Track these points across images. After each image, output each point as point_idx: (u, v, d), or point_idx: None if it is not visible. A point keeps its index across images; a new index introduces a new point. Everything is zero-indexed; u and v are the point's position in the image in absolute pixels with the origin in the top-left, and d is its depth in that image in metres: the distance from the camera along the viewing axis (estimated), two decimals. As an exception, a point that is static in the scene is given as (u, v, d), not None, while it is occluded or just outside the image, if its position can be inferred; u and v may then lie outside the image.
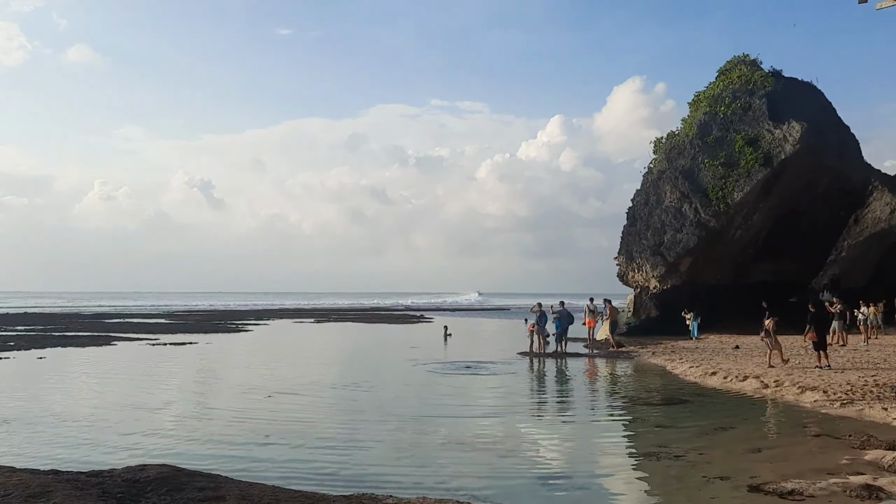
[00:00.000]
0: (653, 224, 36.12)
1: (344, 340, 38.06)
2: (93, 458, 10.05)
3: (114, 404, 15.03)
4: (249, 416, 13.53)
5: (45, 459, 9.70)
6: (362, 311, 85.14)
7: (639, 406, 14.91)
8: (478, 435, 11.85)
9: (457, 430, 12.18)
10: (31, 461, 9.31)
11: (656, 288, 35.95)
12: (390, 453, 10.59)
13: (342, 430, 12.36)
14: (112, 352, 27.81)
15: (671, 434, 11.89)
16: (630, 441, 11.82)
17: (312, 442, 11.32)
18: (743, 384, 17.29)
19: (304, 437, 11.69)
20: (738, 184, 33.30)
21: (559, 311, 27.38)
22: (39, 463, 9.16)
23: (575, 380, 20.43)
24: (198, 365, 23.23)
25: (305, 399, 15.85)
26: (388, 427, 12.52)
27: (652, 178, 38.00)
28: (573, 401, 16.41)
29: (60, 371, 21.26)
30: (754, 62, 37.88)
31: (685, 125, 38.38)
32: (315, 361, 24.77)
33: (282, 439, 11.45)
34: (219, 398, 16.32)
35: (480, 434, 11.95)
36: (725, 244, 34.42)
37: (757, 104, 35.15)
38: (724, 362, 21.24)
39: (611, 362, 24.08)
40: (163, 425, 12.74)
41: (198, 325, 48.23)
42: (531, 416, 14.33)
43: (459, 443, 11.24)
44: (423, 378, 19.60)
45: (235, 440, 11.40)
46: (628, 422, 13.42)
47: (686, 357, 23.10)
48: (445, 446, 11.02)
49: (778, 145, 33.06)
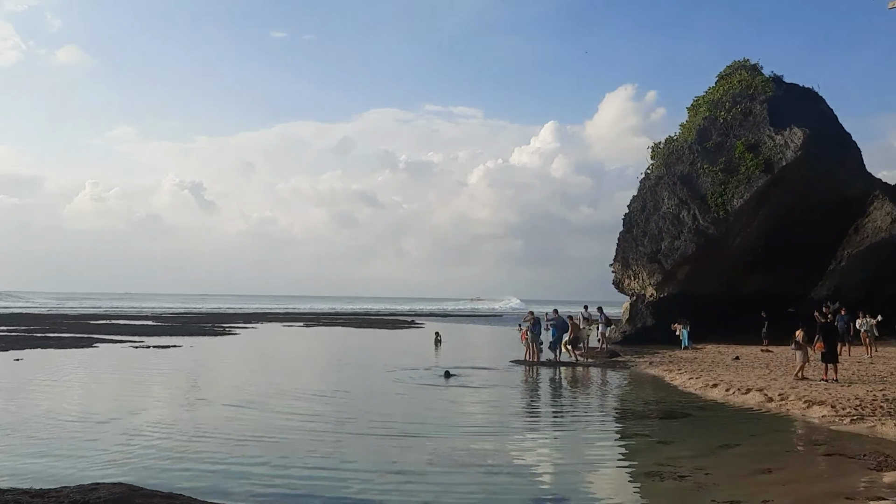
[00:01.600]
0: (650, 231, 35.43)
1: (331, 345, 37.24)
2: (41, 473, 9.21)
3: (77, 412, 14.23)
4: (219, 429, 12.60)
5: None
6: (352, 315, 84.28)
7: (638, 420, 14.16)
8: (468, 451, 11.07)
9: (445, 446, 11.38)
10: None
11: (653, 296, 35.24)
12: (373, 471, 9.81)
13: (320, 444, 11.51)
14: (91, 354, 26.95)
15: (673, 451, 11.13)
16: (630, 458, 11.03)
17: (287, 458, 10.51)
18: (746, 397, 16.56)
19: (278, 452, 10.89)
20: (738, 190, 32.65)
21: (553, 318, 26.64)
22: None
23: (570, 390, 19.69)
24: (175, 370, 22.34)
25: (282, 410, 14.93)
26: (371, 442, 11.71)
27: (649, 183, 37.32)
28: (569, 413, 15.62)
29: (32, 374, 20.36)
30: (755, 67, 37.28)
31: (683, 130, 37.74)
32: (297, 368, 23.91)
33: (253, 455, 10.64)
34: (188, 408, 15.35)
35: (471, 450, 11.17)
36: (723, 252, 33.73)
37: (758, 109, 34.51)
38: (725, 374, 20.51)
39: (605, 372, 23.34)
40: (124, 437, 11.79)
41: (184, 327, 47.34)
42: (525, 431, 13.53)
43: (448, 460, 10.45)
44: (410, 388, 18.75)
45: (201, 455, 10.55)
46: (627, 437, 12.66)
47: (685, 368, 22.36)
48: (433, 463, 10.23)
49: (779, 151, 32.43)
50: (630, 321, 37.03)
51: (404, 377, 20.58)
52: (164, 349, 29.42)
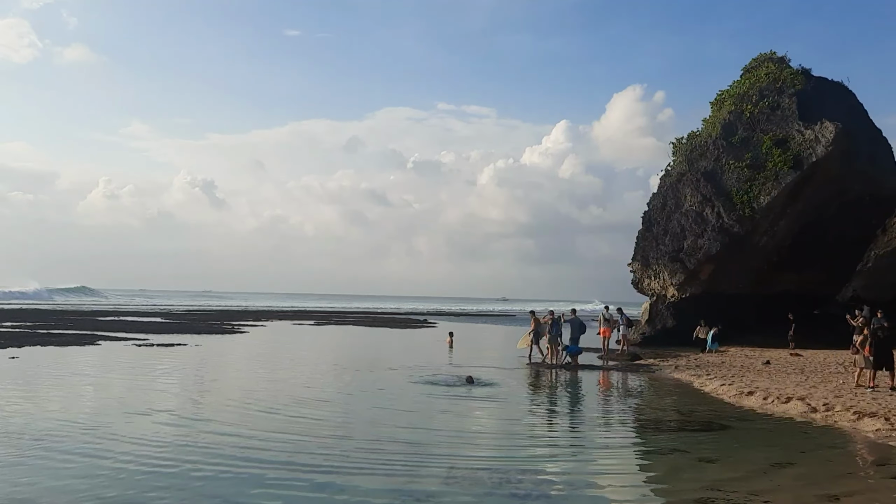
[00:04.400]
0: (671, 229, 34.12)
1: (341, 345, 36.11)
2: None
3: (53, 418, 13.03)
4: (197, 443, 11.26)
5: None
6: (363, 313, 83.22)
7: (672, 432, 12.93)
8: (488, 468, 9.88)
9: (462, 461, 10.21)
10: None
11: (674, 296, 33.94)
12: (381, 489, 8.66)
13: (320, 459, 10.33)
14: (91, 352, 25.92)
15: (720, 471, 9.92)
16: (672, 479, 9.76)
17: (281, 473, 9.38)
18: (786, 406, 15.31)
19: (273, 468, 9.76)
20: (765, 187, 31.26)
21: (571, 319, 25.44)
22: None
23: (593, 397, 18.45)
24: (174, 370, 21.22)
25: (280, 416, 13.71)
26: (380, 457, 10.53)
27: (670, 180, 36.00)
28: (595, 424, 14.35)
29: (22, 373, 19.27)
30: (782, 59, 35.80)
31: (707, 125, 36.36)
32: (303, 369, 22.59)
33: (241, 468, 9.51)
34: (173, 416, 13.67)
35: (491, 466, 9.98)
36: (749, 251, 32.35)
37: (786, 103, 33.09)
38: (759, 379, 19.22)
39: (628, 376, 22.11)
40: (99, 451, 10.48)
41: (192, 325, 46.37)
42: (548, 444, 12.33)
43: (465, 479, 9.27)
44: (421, 392, 17.53)
45: (173, 470, 9.38)
46: (663, 452, 11.35)
47: (714, 373, 21.07)
48: (449, 482, 9.06)
49: (809, 147, 31.01)
50: (650, 322, 35.77)
51: (416, 380, 19.37)
52: (169, 348, 28.38)
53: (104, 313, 61.81)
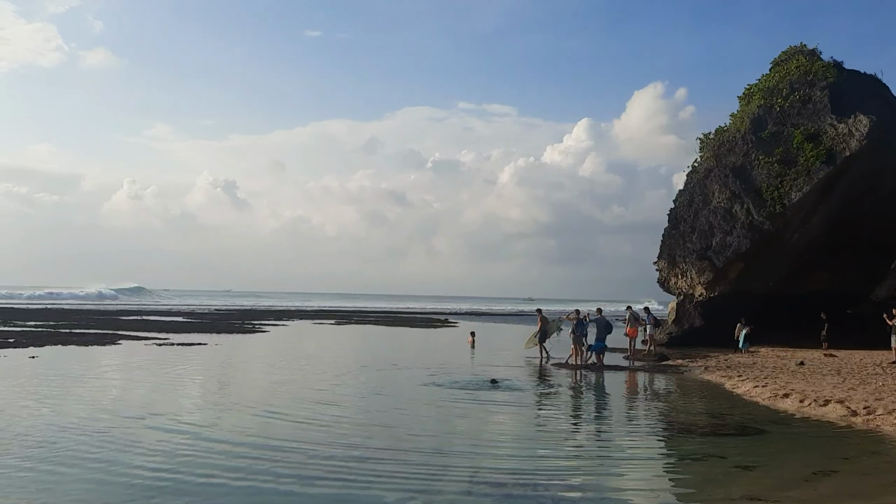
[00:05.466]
0: (699, 226, 33.31)
1: (361, 344, 35.75)
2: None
3: (38, 424, 12.72)
4: (192, 451, 10.83)
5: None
6: (384, 313, 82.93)
7: (705, 437, 12.28)
8: (515, 473, 9.37)
9: (487, 468, 9.70)
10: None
11: (702, 295, 33.13)
12: (400, 498, 8.19)
13: (335, 465, 9.91)
14: (109, 352, 25.76)
15: (760, 479, 9.33)
16: (709, 488, 9.13)
17: (291, 485, 8.93)
18: (825, 410, 14.61)
19: (285, 479, 9.32)
20: (797, 183, 30.35)
21: (597, 318, 24.79)
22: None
23: (620, 399, 17.86)
24: (190, 370, 20.92)
25: (291, 420, 13.13)
26: (396, 466, 10.07)
27: (697, 177, 35.19)
28: (624, 428, 13.76)
29: (35, 373, 19.00)
30: (813, 52, 34.81)
31: (735, 120, 35.48)
32: (321, 369, 22.08)
33: (249, 478, 9.07)
34: (178, 420, 13.25)
35: (517, 471, 9.47)
36: (780, 249, 31.46)
37: (818, 96, 32.14)
38: (794, 381, 18.48)
39: (655, 378, 21.47)
40: (93, 457, 10.23)
41: (213, 324, 46.31)
42: (576, 450, 11.74)
43: (492, 484, 8.77)
44: (442, 394, 17.02)
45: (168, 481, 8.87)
46: (698, 458, 10.72)
47: (746, 374, 20.34)
48: (473, 492, 8.55)
49: (842, 141, 30.05)
50: (676, 322, 34.98)
51: (437, 381, 18.85)
52: (188, 346, 28.19)
53: (127, 312, 62.09)
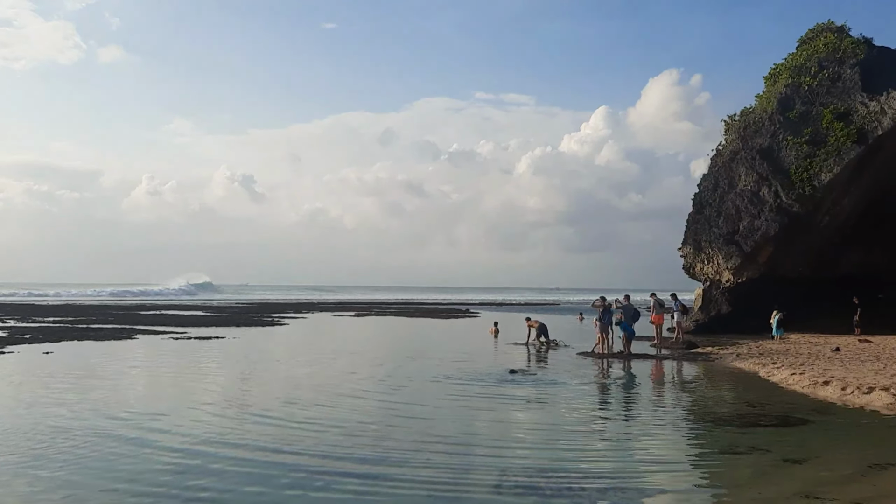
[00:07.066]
0: (725, 210, 32.45)
1: (381, 337, 35.23)
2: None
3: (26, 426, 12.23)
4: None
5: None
6: (405, 304, 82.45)
7: (747, 427, 11.55)
8: (543, 472, 8.73)
9: (515, 468, 9.06)
10: None
11: (729, 281, 32.28)
12: (422, 497, 7.58)
13: (358, 465, 9.33)
14: (125, 347, 25.34)
15: (810, 473, 8.65)
16: (758, 484, 8.36)
17: (302, 489, 8.36)
18: (869, 398, 13.83)
19: (297, 483, 8.75)
20: (827, 164, 29.39)
21: (623, 305, 24.05)
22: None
23: (651, 389, 17.09)
24: (205, 364, 20.40)
25: (303, 418, 12.26)
26: (417, 465, 9.47)
27: (723, 160, 34.27)
28: (661, 420, 12.91)
29: (44, 370, 18.51)
30: (841, 29, 33.73)
31: (761, 101, 34.48)
32: (339, 362, 21.39)
33: (270, 471, 8.50)
34: (183, 419, 12.69)
35: (546, 470, 8.83)
36: (810, 232, 30.55)
37: (848, 74, 31.09)
38: (832, 368, 17.68)
39: (684, 366, 20.73)
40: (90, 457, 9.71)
41: (232, 318, 45.98)
42: (611, 444, 11.05)
43: (521, 486, 8.14)
44: (464, 386, 16.39)
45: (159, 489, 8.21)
46: (742, 451, 9.96)
47: (781, 361, 19.52)
48: (500, 492, 7.93)
49: (874, 119, 29.01)
50: (703, 309, 34.17)
51: (460, 373, 18.22)
52: (206, 340, 27.82)
53: (147, 307, 62.09)
